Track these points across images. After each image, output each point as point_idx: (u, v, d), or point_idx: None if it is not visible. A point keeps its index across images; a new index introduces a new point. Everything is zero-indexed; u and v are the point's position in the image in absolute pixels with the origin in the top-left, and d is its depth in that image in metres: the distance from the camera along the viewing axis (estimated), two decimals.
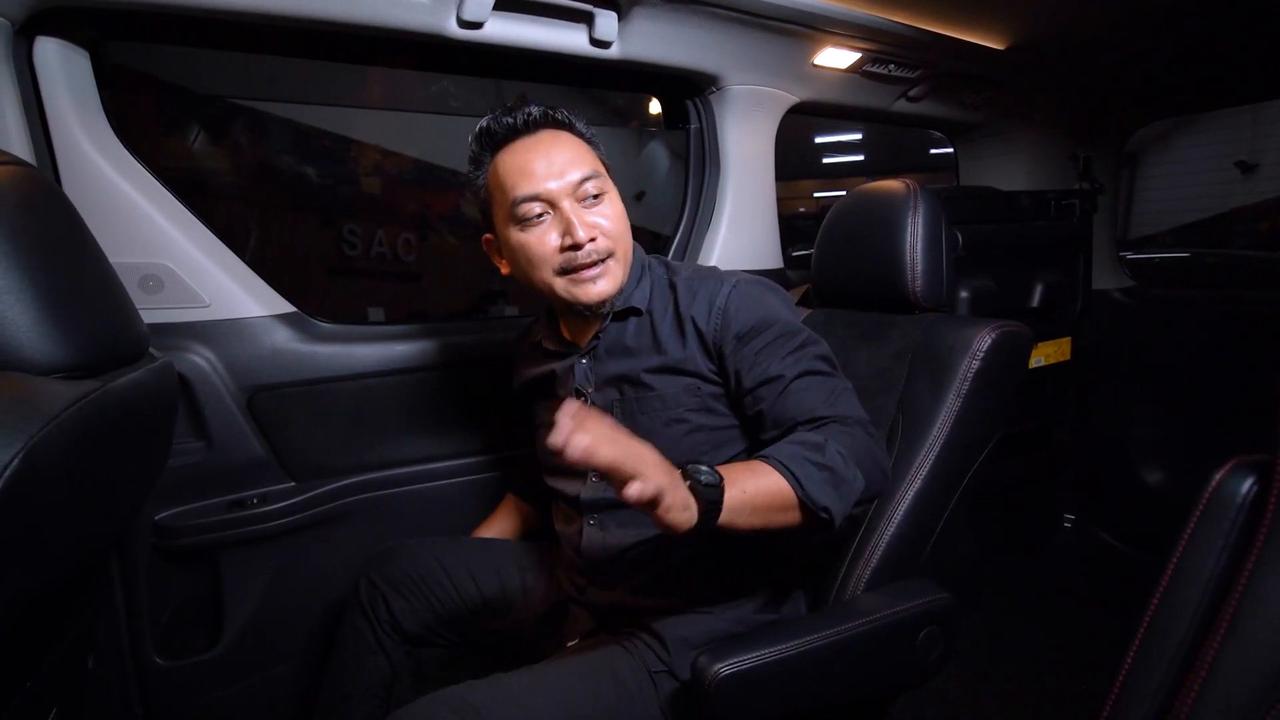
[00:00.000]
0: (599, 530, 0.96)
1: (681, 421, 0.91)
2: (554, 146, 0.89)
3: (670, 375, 0.92)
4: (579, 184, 0.88)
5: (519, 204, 0.87)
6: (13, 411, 0.54)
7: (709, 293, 0.92)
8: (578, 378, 0.98)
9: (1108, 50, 1.58)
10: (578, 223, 0.86)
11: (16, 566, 0.56)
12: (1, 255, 0.60)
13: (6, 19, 0.91)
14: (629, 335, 0.95)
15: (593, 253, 0.88)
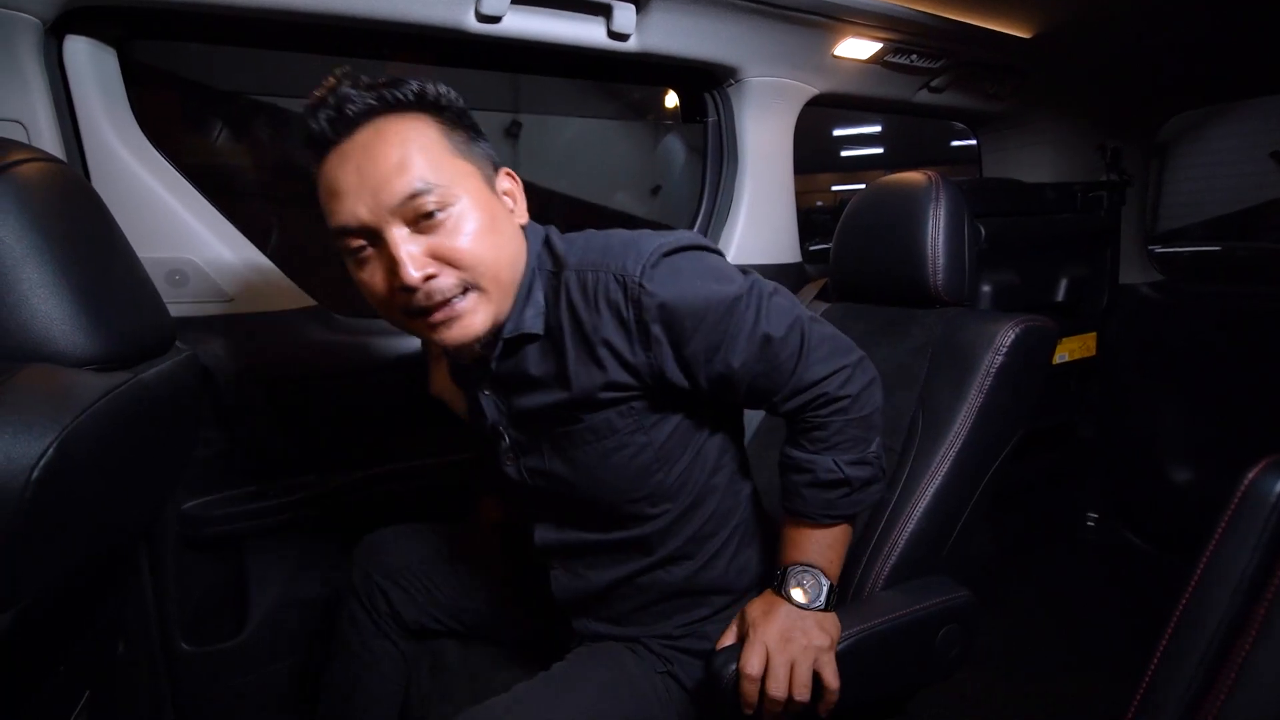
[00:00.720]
0: (565, 574, 0.88)
1: (622, 448, 0.77)
2: (371, 151, 0.66)
3: (592, 408, 0.76)
4: (404, 203, 0.66)
5: (338, 237, 0.69)
6: (47, 402, 0.55)
7: (610, 299, 0.71)
8: (489, 414, 0.83)
9: (1139, 37, 1.54)
10: (405, 260, 0.65)
11: (51, 552, 0.58)
12: (35, 250, 0.62)
13: (38, 18, 0.92)
14: (531, 364, 0.77)
15: (435, 293, 0.67)
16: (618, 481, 0.78)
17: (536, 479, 0.83)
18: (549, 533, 0.86)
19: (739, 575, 0.87)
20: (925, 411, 1.02)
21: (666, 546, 0.83)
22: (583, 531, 0.85)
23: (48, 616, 0.65)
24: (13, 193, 0.61)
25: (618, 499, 0.79)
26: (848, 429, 0.78)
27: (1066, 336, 1.75)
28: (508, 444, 0.84)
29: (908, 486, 0.98)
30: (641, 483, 0.79)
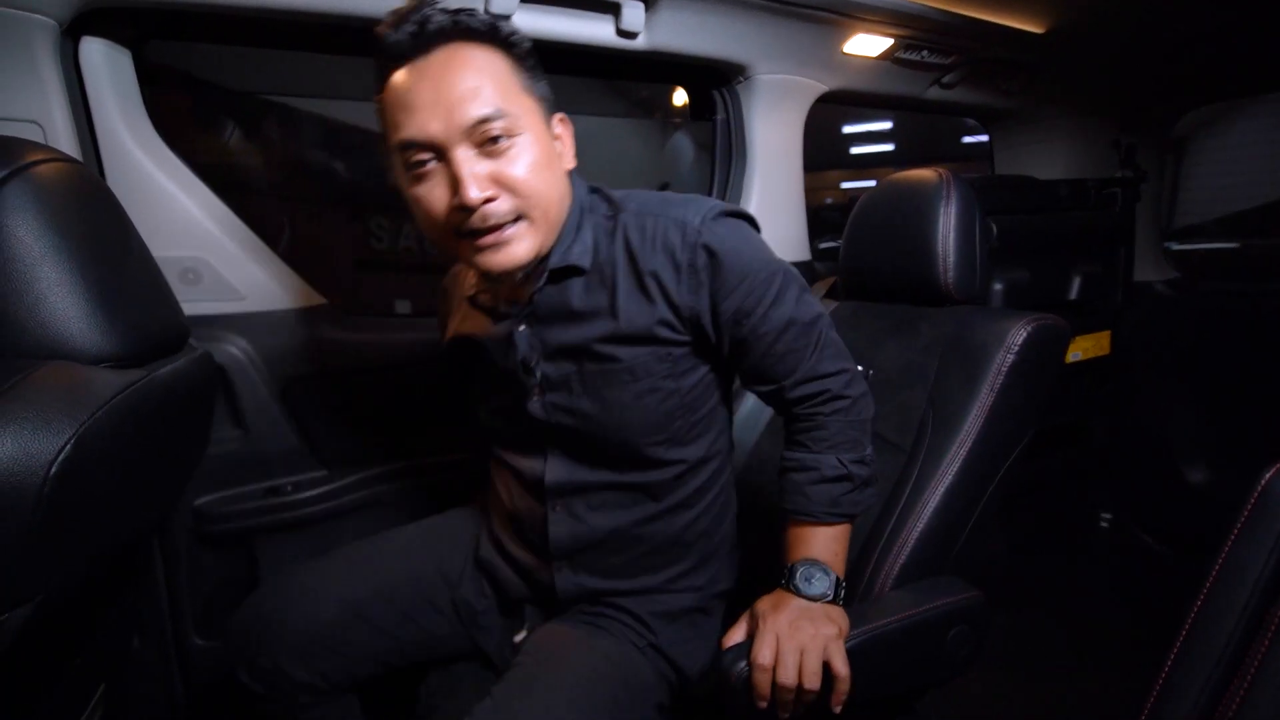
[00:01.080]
0: (567, 517, 0.87)
1: (655, 391, 0.80)
2: (449, 71, 0.68)
3: (636, 345, 0.79)
4: (475, 125, 0.68)
5: (401, 150, 0.71)
6: (65, 399, 0.56)
7: (670, 244, 0.77)
8: (520, 348, 0.83)
9: (1154, 30, 1.52)
10: (467, 178, 0.68)
11: (69, 545, 0.58)
12: (52, 249, 0.62)
13: (54, 20, 0.93)
14: (575, 297, 0.80)
15: (491, 216, 0.70)
16: (644, 423, 0.81)
17: (559, 415, 0.83)
18: (559, 470, 0.86)
19: (718, 522, 0.93)
20: (935, 411, 1.02)
21: (674, 495, 0.87)
22: (596, 471, 0.86)
23: (66, 609, 0.66)
24: (31, 193, 0.62)
25: (640, 440, 0.82)
26: (848, 430, 0.83)
27: (1080, 335, 1.73)
28: (536, 379, 0.83)
29: (917, 486, 0.97)
30: (665, 426, 0.83)
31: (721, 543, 0.95)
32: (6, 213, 0.60)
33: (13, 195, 0.61)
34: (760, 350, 0.80)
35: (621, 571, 0.90)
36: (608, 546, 0.88)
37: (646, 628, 0.90)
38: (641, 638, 0.89)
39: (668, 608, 0.91)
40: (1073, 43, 1.55)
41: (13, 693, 0.64)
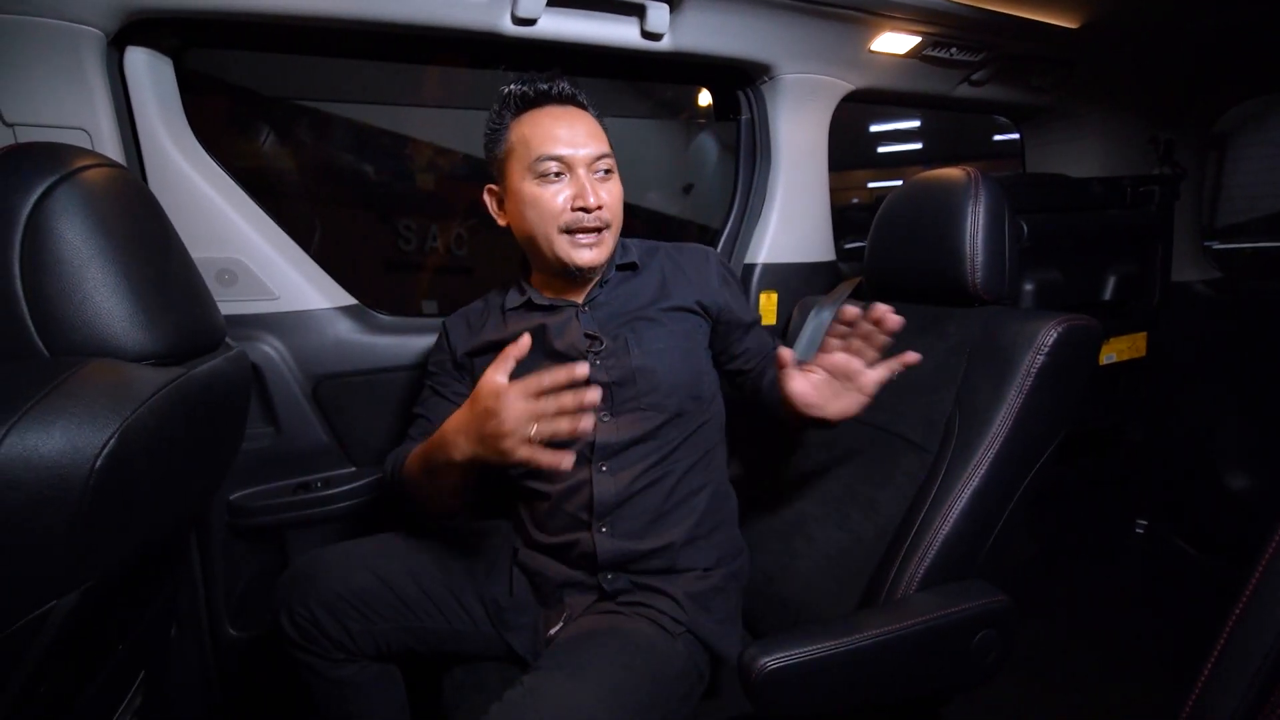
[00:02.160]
0: (610, 476, 0.98)
1: (692, 349, 1.07)
2: (578, 120, 0.99)
3: (681, 313, 1.07)
4: (596, 159, 0.99)
5: (543, 160, 0.96)
6: (110, 395, 0.59)
7: (698, 258, 1.12)
8: (584, 324, 1.04)
9: (1194, 22, 1.47)
10: (590, 188, 0.97)
11: (112, 535, 0.61)
12: (98, 251, 0.65)
13: (102, 31, 0.97)
14: (633, 284, 1.08)
15: (597, 219, 0.98)
16: (684, 371, 1.04)
17: (616, 373, 1.01)
18: (607, 431, 0.99)
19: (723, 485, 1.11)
20: (962, 412, 1.00)
21: (694, 449, 1.04)
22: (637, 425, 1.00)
23: (109, 598, 0.69)
24: (80, 197, 0.65)
25: (679, 383, 1.02)
26: None
27: (1115, 336, 1.69)
28: (600, 346, 1.02)
29: (944, 487, 0.96)
30: (697, 379, 1.06)
31: (729, 514, 1.10)
32: (56, 216, 0.63)
33: (62, 199, 0.64)
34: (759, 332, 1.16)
35: (652, 530, 0.99)
36: (644, 500, 0.99)
37: (680, 609, 0.94)
38: (677, 623, 0.93)
39: (698, 589, 0.98)
40: (1109, 36, 1.50)
41: (60, 677, 0.67)
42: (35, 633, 0.56)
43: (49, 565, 0.55)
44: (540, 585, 1.02)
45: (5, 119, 0.96)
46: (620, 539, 0.97)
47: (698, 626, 0.95)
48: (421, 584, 0.99)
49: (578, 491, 0.99)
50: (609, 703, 0.77)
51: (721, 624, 0.98)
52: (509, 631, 1.00)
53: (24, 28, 0.92)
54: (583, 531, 0.98)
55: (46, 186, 0.63)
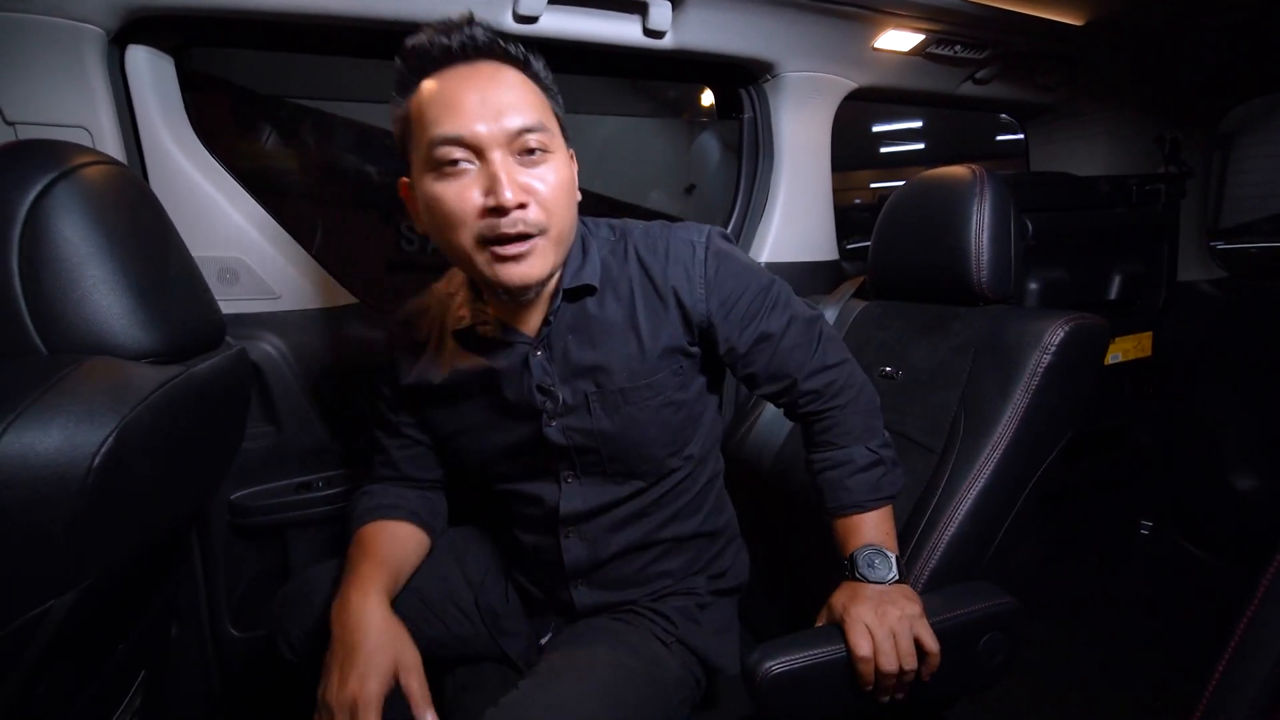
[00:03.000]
0: (581, 542, 0.89)
1: (670, 404, 0.85)
2: (495, 82, 0.70)
3: (660, 359, 0.83)
4: (517, 134, 0.69)
5: (437, 145, 0.69)
6: (108, 393, 0.58)
7: (683, 260, 0.82)
8: (536, 374, 0.82)
9: (1200, 20, 1.46)
10: (504, 180, 0.68)
11: (111, 533, 0.60)
12: (98, 249, 0.65)
13: (103, 29, 0.97)
14: (593, 314, 0.82)
15: (519, 222, 0.69)
16: (660, 436, 0.86)
17: (578, 437, 0.84)
18: (575, 499, 0.87)
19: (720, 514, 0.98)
20: (968, 412, 0.99)
21: (681, 499, 0.91)
22: (610, 491, 0.88)
23: (109, 597, 0.69)
24: (78, 194, 0.64)
25: (657, 454, 0.87)
26: (865, 419, 0.89)
27: (1120, 336, 1.68)
28: (555, 404, 0.83)
29: (949, 488, 0.95)
30: (677, 435, 0.87)
31: (728, 536, 1.00)
32: (54, 214, 0.63)
33: (61, 196, 0.63)
34: (770, 349, 0.86)
35: (636, 580, 0.93)
36: (623, 560, 0.91)
37: (671, 623, 0.91)
38: (668, 634, 0.90)
39: (687, 604, 0.93)
40: (1114, 34, 1.50)
41: (60, 676, 0.67)
42: (34, 632, 0.56)
43: (47, 564, 0.55)
44: (529, 600, 0.99)
45: (6, 117, 0.95)
46: (599, 591, 0.93)
47: (689, 638, 0.91)
48: (420, 594, 0.93)
49: (548, 549, 0.91)
50: (605, 704, 0.76)
51: (715, 634, 0.94)
52: (504, 638, 0.97)
53: (25, 26, 0.92)
54: (559, 583, 0.93)
55: (45, 184, 0.63)
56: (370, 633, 0.74)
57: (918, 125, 11.12)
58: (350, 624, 0.75)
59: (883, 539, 0.84)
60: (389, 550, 0.87)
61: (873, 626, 0.75)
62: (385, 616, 0.77)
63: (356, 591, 0.78)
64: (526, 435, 0.86)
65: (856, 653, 0.75)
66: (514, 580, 1.00)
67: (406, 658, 0.75)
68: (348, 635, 0.75)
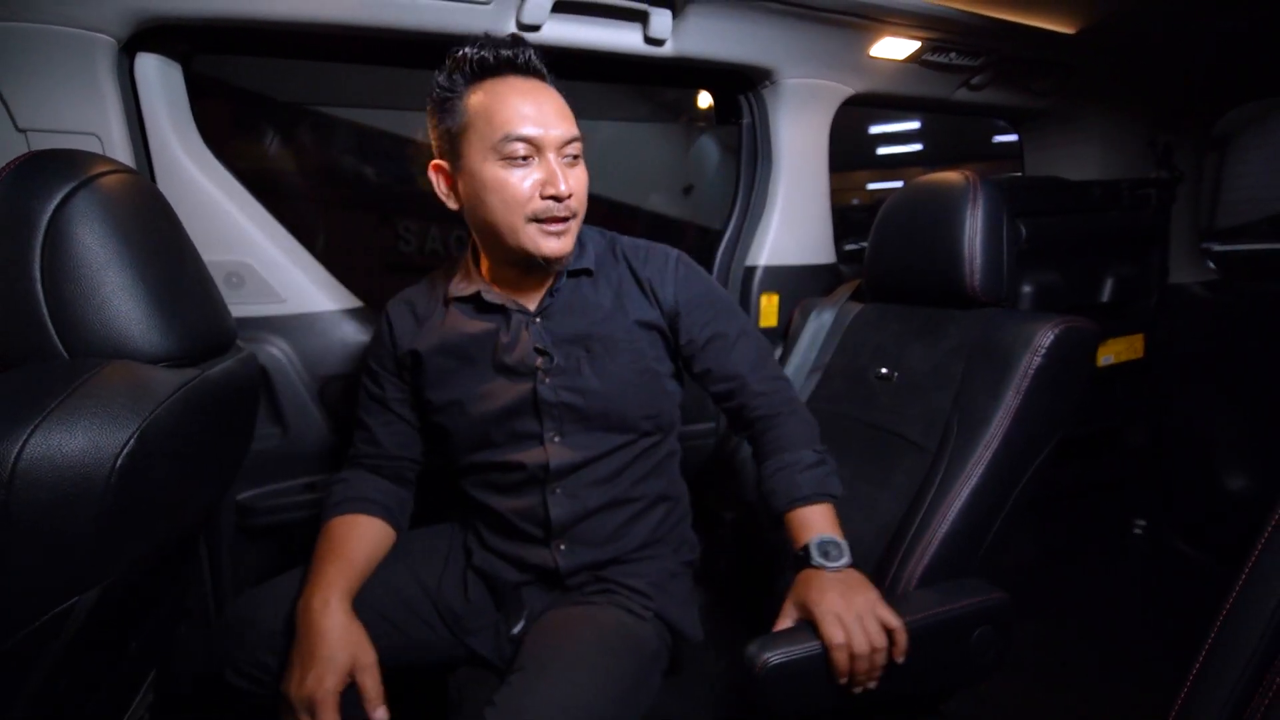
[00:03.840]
0: (566, 497, 0.96)
1: (649, 371, 0.98)
2: (548, 97, 0.88)
3: (641, 329, 0.98)
4: (566, 142, 0.88)
5: (509, 140, 0.84)
6: (128, 396, 0.60)
7: (659, 263, 1.00)
8: (534, 338, 0.95)
9: (1190, 27, 1.49)
10: (561, 175, 0.86)
11: (132, 533, 0.62)
12: (116, 256, 0.67)
13: (114, 38, 0.99)
14: (587, 294, 0.98)
15: (568, 209, 0.88)
16: (639, 396, 0.98)
17: (566, 394, 0.95)
18: (561, 454, 0.96)
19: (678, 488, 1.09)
20: (961, 413, 1.02)
21: (650, 460, 1.01)
22: (592, 446, 0.96)
23: (126, 595, 0.70)
24: (97, 202, 0.66)
25: (635, 413, 0.97)
26: (806, 427, 0.99)
27: (1112, 338, 1.70)
28: (551, 363, 0.95)
29: (942, 487, 0.97)
30: (652, 399, 0.99)
31: (684, 508, 1.09)
32: (75, 222, 0.65)
33: (80, 205, 0.65)
34: (724, 348, 1.00)
35: (614, 539, 0.98)
36: (602, 516, 0.97)
37: (646, 596, 0.95)
38: (645, 608, 0.94)
39: (658, 576, 0.99)
40: (1106, 42, 1.52)
41: (80, 672, 0.68)
42: (60, 626, 0.57)
43: (72, 562, 0.57)
44: (497, 587, 1.00)
45: (17, 124, 0.97)
46: (581, 552, 0.97)
47: (664, 610, 0.96)
48: (374, 607, 0.92)
49: (532, 511, 0.97)
50: (603, 688, 0.78)
51: (682, 605, 1.00)
52: (469, 636, 0.98)
53: (38, 35, 0.94)
54: (541, 547, 0.97)
55: (66, 193, 0.65)
56: (329, 634, 0.82)
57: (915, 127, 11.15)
58: (312, 625, 0.83)
59: (833, 529, 0.89)
60: (354, 549, 0.94)
61: (842, 614, 0.79)
62: (344, 619, 0.84)
63: (319, 595, 0.85)
64: (520, 396, 0.95)
65: (832, 642, 0.77)
66: (477, 572, 1.01)
67: (362, 657, 0.82)
68: (309, 635, 0.82)
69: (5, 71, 0.94)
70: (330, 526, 0.96)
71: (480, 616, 0.99)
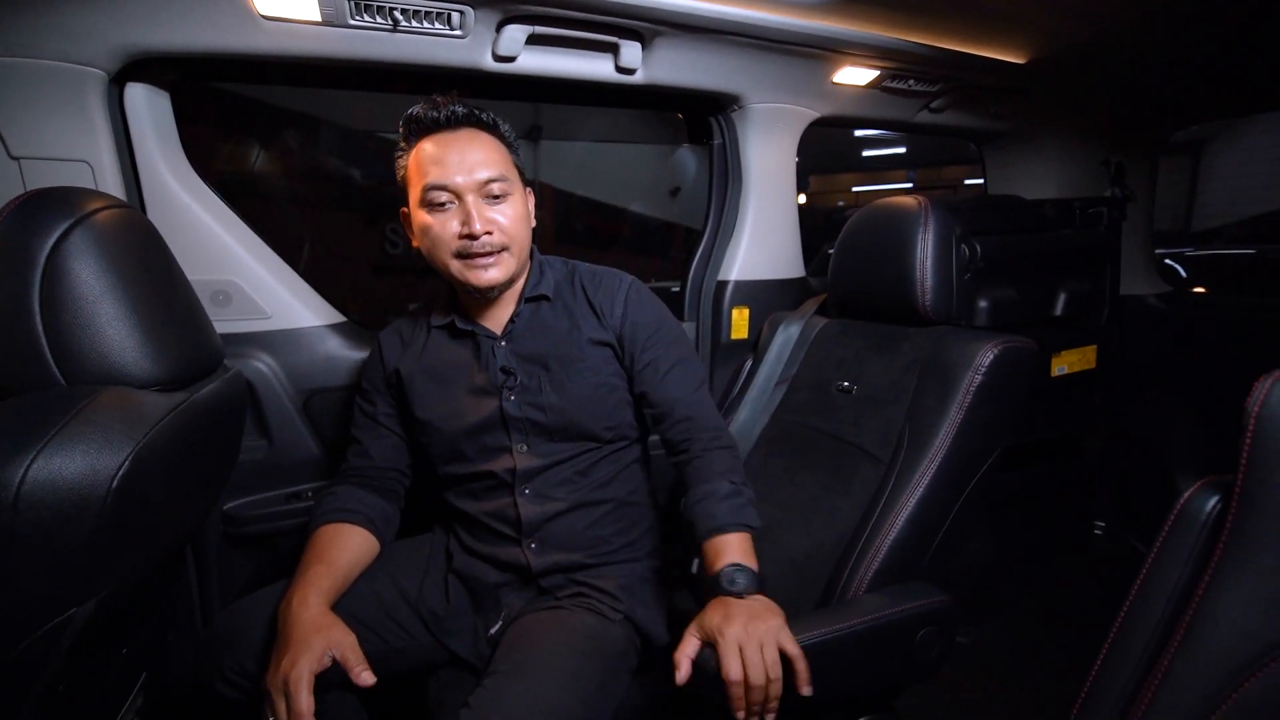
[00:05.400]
0: (535, 498, 1.04)
1: (605, 385, 1.06)
2: (471, 144, 0.98)
3: (595, 347, 1.06)
4: (485, 183, 0.97)
5: (429, 190, 0.96)
6: (123, 421, 0.65)
7: (611, 288, 1.09)
8: (499, 359, 1.05)
9: (1136, 60, 1.57)
10: (476, 216, 0.95)
11: (127, 549, 0.67)
12: (110, 288, 0.71)
13: (104, 71, 1.03)
14: (546, 318, 1.07)
15: (486, 244, 0.97)
16: (596, 407, 1.05)
17: (529, 410, 1.04)
18: (527, 459, 1.04)
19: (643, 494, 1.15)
20: (911, 425, 1.08)
21: (613, 466, 1.09)
22: (556, 453, 1.05)
23: (120, 605, 0.75)
24: (93, 238, 0.71)
25: (594, 425, 1.05)
26: (730, 461, 1.02)
27: (1066, 349, 1.78)
28: (515, 381, 1.04)
29: (892, 496, 1.04)
30: (613, 413, 1.07)
31: (653, 515, 1.15)
32: (72, 258, 0.70)
33: (77, 241, 0.70)
34: (658, 373, 1.06)
35: (581, 543, 1.04)
36: (570, 518, 1.04)
37: (617, 600, 1.01)
38: (615, 610, 1.00)
39: (628, 579, 1.05)
40: (1056, 70, 1.60)
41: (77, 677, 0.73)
42: (58, 636, 0.62)
43: (71, 576, 0.62)
44: (477, 589, 1.06)
45: (11, 152, 1.01)
46: (551, 552, 1.03)
47: (633, 613, 1.01)
48: (352, 612, 0.96)
49: (504, 512, 1.04)
50: (571, 689, 0.84)
51: (651, 609, 1.04)
52: (449, 638, 1.03)
53: (32, 70, 0.98)
54: (513, 545, 1.04)
55: (63, 230, 0.70)
56: (303, 623, 0.86)
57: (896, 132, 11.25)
58: (288, 620, 0.87)
59: (745, 558, 0.90)
60: (337, 555, 0.99)
61: (743, 643, 0.80)
62: (318, 611, 0.89)
63: (298, 595, 0.90)
64: (489, 412, 1.04)
65: (729, 677, 0.78)
66: (457, 575, 1.07)
67: (337, 637, 0.86)
68: (285, 628, 0.87)
69: (0, 104, 0.98)
70: (316, 534, 1.01)
71: (460, 619, 1.05)
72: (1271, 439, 0.55)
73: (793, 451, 1.28)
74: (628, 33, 1.25)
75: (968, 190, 9.94)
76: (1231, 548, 0.58)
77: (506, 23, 1.17)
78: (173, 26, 1.02)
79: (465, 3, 1.11)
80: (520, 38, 1.19)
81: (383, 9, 1.08)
